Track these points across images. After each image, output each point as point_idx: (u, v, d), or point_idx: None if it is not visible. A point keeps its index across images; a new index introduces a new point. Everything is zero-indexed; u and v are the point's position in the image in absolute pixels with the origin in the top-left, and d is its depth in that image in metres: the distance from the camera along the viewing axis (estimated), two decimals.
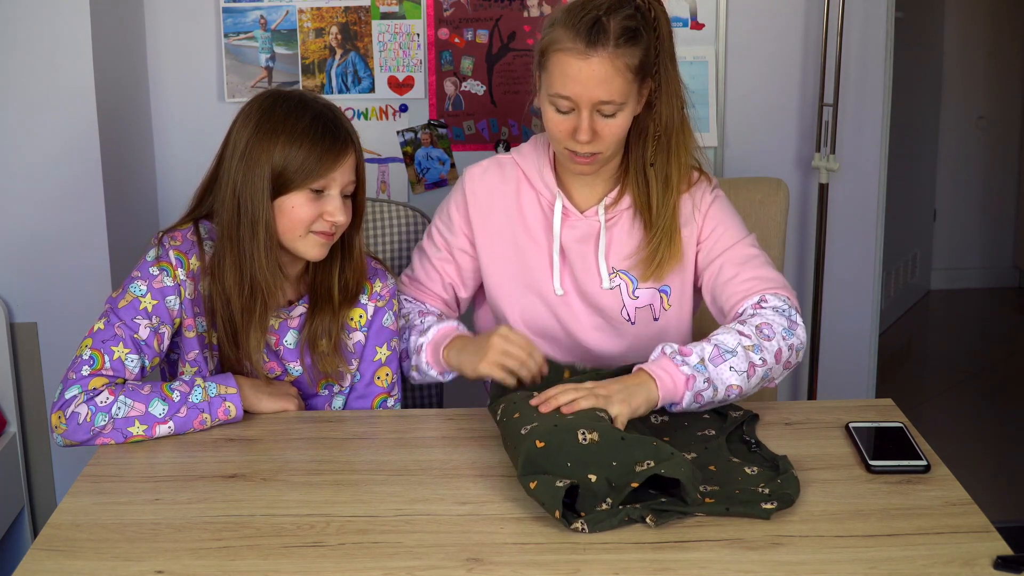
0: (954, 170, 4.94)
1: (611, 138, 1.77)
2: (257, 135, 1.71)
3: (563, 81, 1.72)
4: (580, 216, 1.88)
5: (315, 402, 1.90)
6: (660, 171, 1.83)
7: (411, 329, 1.91)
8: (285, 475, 1.57)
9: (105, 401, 1.66)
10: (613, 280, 1.88)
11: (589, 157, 1.78)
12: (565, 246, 1.89)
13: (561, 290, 1.90)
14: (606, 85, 1.71)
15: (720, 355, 1.67)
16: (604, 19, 1.70)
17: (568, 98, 1.73)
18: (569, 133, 1.76)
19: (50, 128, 2.41)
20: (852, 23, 2.81)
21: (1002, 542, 1.36)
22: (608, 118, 1.75)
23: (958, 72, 4.85)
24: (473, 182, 1.94)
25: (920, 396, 3.92)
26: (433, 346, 1.86)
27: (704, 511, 1.42)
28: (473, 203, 1.93)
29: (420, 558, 1.35)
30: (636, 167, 1.85)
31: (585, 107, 1.73)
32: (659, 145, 1.82)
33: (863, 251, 2.96)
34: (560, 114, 1.76)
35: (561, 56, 1.72)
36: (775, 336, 1.72)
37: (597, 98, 1.72)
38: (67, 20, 2.36)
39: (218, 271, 1.74)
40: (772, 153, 2.88)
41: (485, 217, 1.93)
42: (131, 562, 1.35)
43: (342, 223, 1.75)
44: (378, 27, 2.76)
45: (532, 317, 1.92)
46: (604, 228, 1.87)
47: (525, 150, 1.94)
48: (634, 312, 1.89)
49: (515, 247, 1.91)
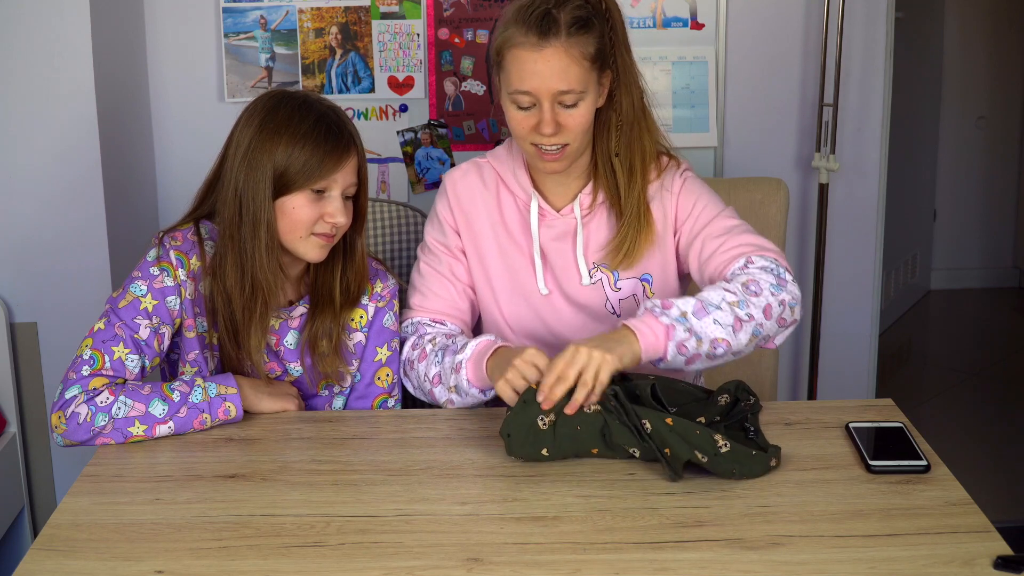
0: (954, 170, 4.94)
1: (576, 128, 1.77)
2: (260, 135, 1.71)
3: (520, 76, 1.73)
4: (556, 215, 1.89)
5: (315, 402, 1.90)
6: (624, 160, 1.84)
7: (443, 351, 1.81)
8: (285, 475, 1.57)
9: (105, 401, 1.66)
10: (594, 275, 1.89)
11: (557, 152, 1.78)
12: (544, 246, 1.90)
13: (546, 289, 1.90)
14: (563, 75, 1.72)
15: (704, 308, 1.65)
16: (554, 11, 1.72)
17: (528, 92, 1.74)
18: (532, 128, 1.76)
19: (50, 128, 2.41)
20: (852, 23, 2.81)
21: (1002, 542, 1.36)
22: (570, 108, 1.75)
23: (958, 72, 4.85)
24: (455, 185, 1.94)
25: (920, 396, 3.92)
26: (475, 362, 1.75)
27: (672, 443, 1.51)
28: (456, 205, 1.93)
29: (420, 558, 1.35)
30: (603, 159, 1.86)
31: (545, 99, 1.74)
32: (621, 134, 1.83)
33: (863, 251, 2.97)
34: (522, 111, 1.76)
35: (516, 52, 1.73)
36: (763, 292, 1.70)
37: (555, 88, 1.73)
38: (67, 21, 2.37)
39: (219, 270, 1.74)
40: (772, 153, 2.88)
41: (469, 219, 1.92)
42: (131, 562, 1.35)
43: (343, 225, 1.75)
44: (378, 27, 2.76)
45: (518, 320, 1.92)
46: (580, 225, 1.88)
47: (500, 153, 1.94)
48: (618, 304, 1.90)
49: (499, 249, 1.91)
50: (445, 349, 1.82)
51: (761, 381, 2.27)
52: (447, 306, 1.91)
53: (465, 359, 1.76)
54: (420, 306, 1.92)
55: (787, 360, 3.00)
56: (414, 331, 1.90)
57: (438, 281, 1.92)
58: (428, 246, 1.96)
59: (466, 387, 1.76)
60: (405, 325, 1.91)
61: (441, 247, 1.94)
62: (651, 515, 1.44)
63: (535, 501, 1.48)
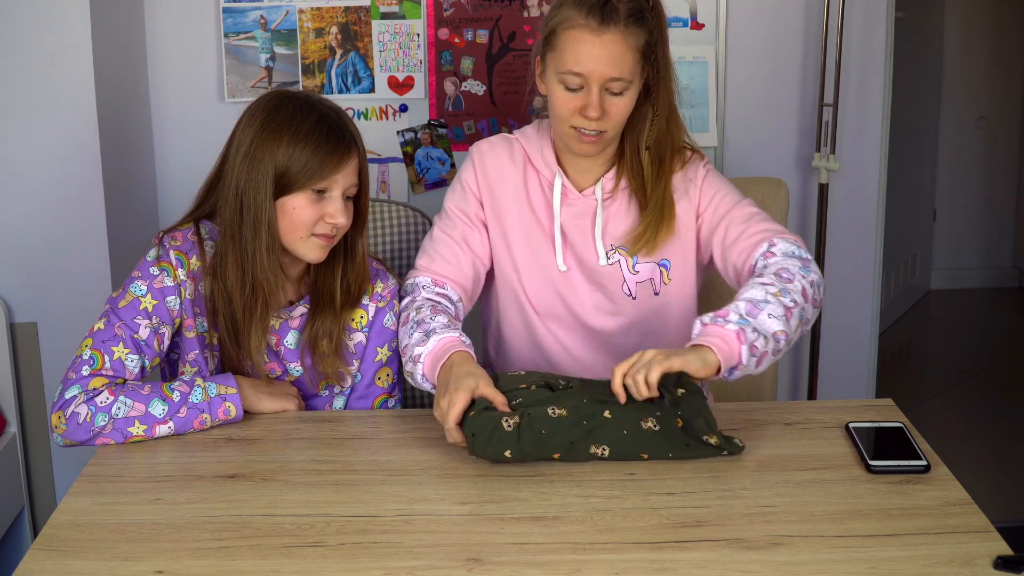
0: (954, 170, 4.94)
1: (618, 116, 1.81)
2: (262, 135, 1.71)
3: (576, 58, 1.76)
4: (578, 195, 1.92)
5: (316, 402, 1.90)
6: (655, 153, 1.88)
7: (417, 325, 1.78)
8: (285, 475, 1.57)
9: (105, 401, 1.66)
10: (611, 256, 1.92)
11: (595, 136, 1.82)
12: (564, 224, 1.92)
13: (565, 266, 1.92)
14: (618, 62, 1.75)
15: (755, 307, 1.66)
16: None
17: (580, 75, 1.76)
18: (577, 111, 1.79)
19: (50, 128, 2.41)
20: (852, 23, 2.81)
21: (1002, 542, 1.36)
22: (616, 96, 1.79)
23: (958, 72, 4.85)
24: (483, 156, 1.96)
25: (920, 396, 3.92)
26: (433, 358, 1.72)
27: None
28: (483, 175, 1.95)
29: (420, 558, 1.35)
30: (631, 150, 1.89)
31: (596, 84, 1.76)
32: (655, 128, 1.86)
33: (863, 251, 2.97)
34: (569, 92, 1.79)
35: (574, 33, 1.76)
36: (795, 277, 1.73)
37: (608, 75, 1.76)
38: (67, 20, 2.37)
39: (220, 270, 1.74)
40: (772, 153, 2.88)
41: (494, 190, 1.94)
42: (131, 562, 1.35)
43: (343, 225, 1.75)
44: (378, 27, 2.76)
45: (537, 294, 1.95)
46: (601, 206, 1.91)
47: (528, 131, 1.98)
48: (635, 287, 1.93)
49: (521, 223, 1.94)
50: (419, 324, 1.79)
51: (761, 381, 2.28)
52: (452, 271, 1.92)
53: (425, 353, 1.73)
54: (425, 267, 1.92)
55: (787, 360, 3.00)
56: (411, 291, 1.90)
57: (448, 246, 1.93)
58: (446, 211, 1.97)
59: (420, 380, 1.75)
60: (406, 284, 1.92)
61: (459, 213, 1.95)
62: (651, 515, 1.44)
63: (535, 501, 1.48)
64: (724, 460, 1.59)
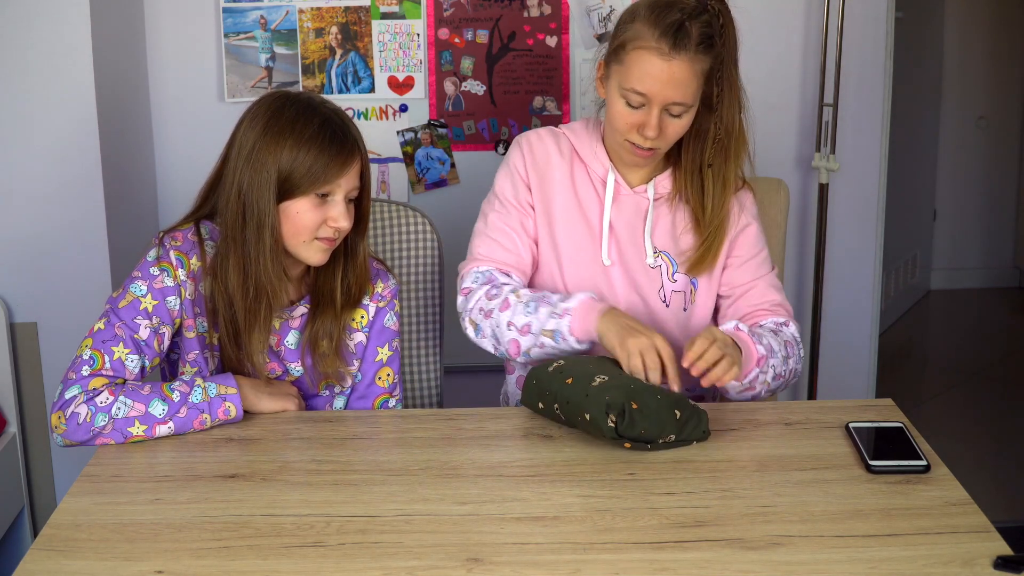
0: (954, 170, 4.94)
1: (673, 136, 1.83)
2: (265, 137, 1.70)
3: (641, 78, 1.77)
4: (629, 192, 1.94)
5: (316, 402, 1.90)
6: (718, 173, 1.90)
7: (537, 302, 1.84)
8: (285, 475, 1.57)
9: (105, 401, 1.66)
10: (656, 259, 1.93)
11: (648, 152, 1.84)
12: (613, 219, 1.94)
13: (609, 260, 1.93)
14: (682, 88, 1.77)
15: (771, 354, 1.80)
16: (688, 24, 1.75)
17: (643, 94, 1.78)
18: (635, 127, 1.81)
19: (50, 128, 2.41)
20: (852, 23, 2.81)
21: (1002, 542, 1.36)
22: (675, 118, 1.81)
23: (958, 72, 4.85)
24: (531, 145, 1.97)
25: (920, 396, 3.92)
26: (581, 312, 1.80)
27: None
28: (532, 162, 1.96)
29: (420, 558, 1.35)
30: (692, 167, 1.91)
31: (657, 105, 1.78)
32: (718, 147, 1.88)
33: (863, 251, 2.97)
34: (630, 108, 1.80)
35: (643, 53, 1.76)
36: (790, 359, 1.88)
37: (671, 99, 1.78)
38: (67, 20, 2.37)
39: (221, 272, 1.74)
40: (772, 153, 2.88)
41: (543, 178, 1.95)
42: (131, 562, 1.35)
43: (345, 228, 1.75)
44: (378, 27, 2.76)
45: (578, 285, 1.94)
46: (652, 206, 1.93)
47: (577, 127, 1.99)
48: (670, 295, 1.94)
49: (567, 214, 1.94)
50: (539, 300, 1.85)
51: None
52: (513, 259, 1.94)
53: (572, 307, 1.81)
54: (488, 256, 1.93)
55: None
56: (486, 280, 1.91)
57: (506, 234, 1.94)
58: (498, 196, 1.97)
59: (566, 333, 1.81)
60: (472, 272, 1.93)
61: (512, 199, 1.96)
62: (651, 515, 1.44)
63: (535, 501, 1.48)
64: (724, 460, 1.59)
